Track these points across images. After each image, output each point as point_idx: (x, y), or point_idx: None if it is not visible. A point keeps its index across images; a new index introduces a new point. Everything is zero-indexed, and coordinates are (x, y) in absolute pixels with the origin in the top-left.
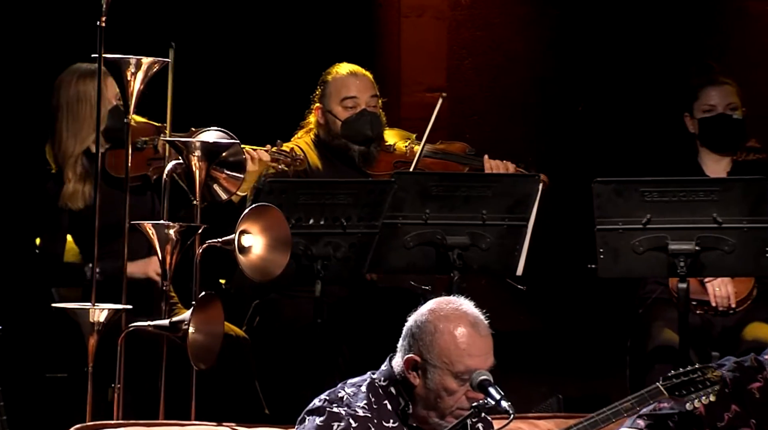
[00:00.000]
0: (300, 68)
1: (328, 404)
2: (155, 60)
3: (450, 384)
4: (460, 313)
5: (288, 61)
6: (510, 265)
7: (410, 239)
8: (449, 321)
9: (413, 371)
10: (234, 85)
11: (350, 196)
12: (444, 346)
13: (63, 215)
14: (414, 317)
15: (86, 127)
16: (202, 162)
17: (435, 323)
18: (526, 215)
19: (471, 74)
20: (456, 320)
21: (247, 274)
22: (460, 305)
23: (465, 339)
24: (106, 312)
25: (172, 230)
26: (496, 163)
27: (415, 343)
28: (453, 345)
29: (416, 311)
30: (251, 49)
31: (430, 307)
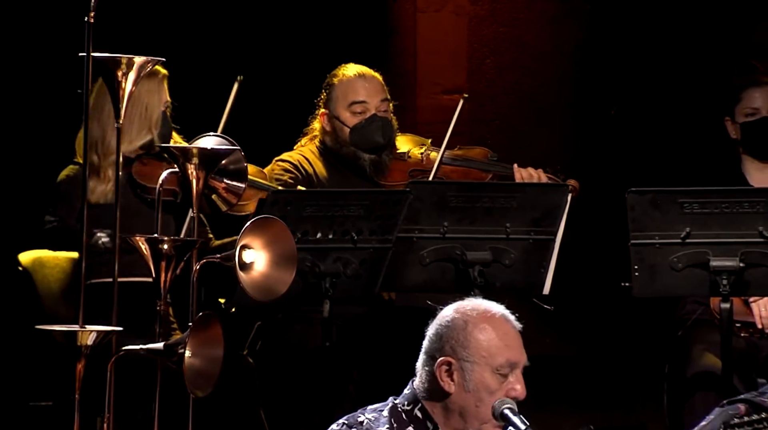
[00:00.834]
0: (307, 69)
1: (346, 428)
2: (148, 59)
3: (490, 382)
4: (486, 306)
5: (293, 61)
6: (536, 283)
7: (427, 255)
8: (479, 313)
9: (447, 376)
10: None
11: (361, 208)
12: (480, 338)
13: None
14: (436, 322)
15: (135, 128)
16: (200, 171)
17: (464, 318)
18: (554, 228)
19: (493, 74)
20: (485, 312)
21: (248, 293)
22: (483, 301)
23: (501, 329)
24: (95, 334)
25: (166, 244)
26: (528, 173)
27: (446, 343)
28: (490, 336)
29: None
30: (254, 48)
31: (453, 307)
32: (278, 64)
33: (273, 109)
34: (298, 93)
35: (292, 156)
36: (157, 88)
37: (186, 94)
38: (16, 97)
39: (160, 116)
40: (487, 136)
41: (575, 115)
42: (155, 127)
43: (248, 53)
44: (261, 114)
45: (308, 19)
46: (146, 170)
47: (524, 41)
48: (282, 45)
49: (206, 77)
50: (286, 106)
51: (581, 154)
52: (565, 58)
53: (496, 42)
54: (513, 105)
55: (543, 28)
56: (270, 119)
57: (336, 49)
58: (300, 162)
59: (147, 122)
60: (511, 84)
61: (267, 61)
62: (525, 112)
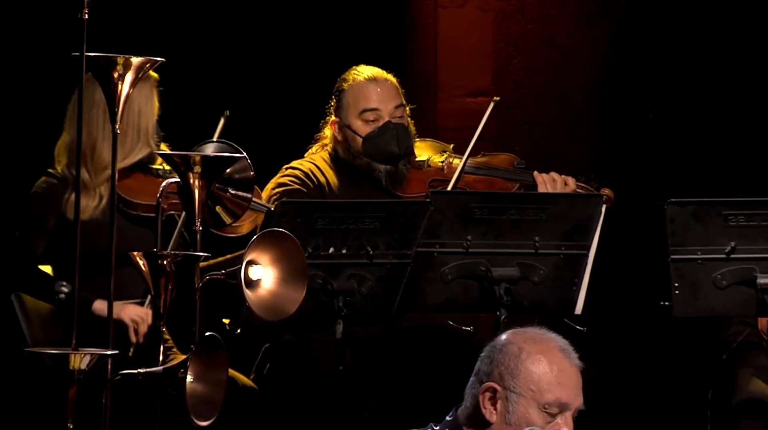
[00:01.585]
0: (317, 69)
1: None
2: (147, 59)
3: (535, 419)
4: (548, 337)
5: (303, 61)
6: (567, 302)
7: (449, 271)
8: (537, 343)
9: (491, 403)
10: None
11: (377, 221)
12: (532, 370)
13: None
14: (492, 343)
15: (129, 141)
16: (203, 180)
17: (520, 344)
18: (587, 242)
19: (521, 75)
20: (545, 343)
21: (255, 312)
22: (547, 331)
23: (557, 365)
24: (89, 358)
25: (166, 260)
26: (551, 178)
27: (495, 368)
28: (542, 370)
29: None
30: (260, 47)
31: (512, 331)
32: (287, 64)
33: (281, 113)
34: (308, 96)
35: (303, 164)
36: (149, 92)
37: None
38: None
39: (155, 126)
40: (515, 142)
41: (610, 119)
42: (152, 139)
43: (253, 53)
44: (268, 119)
45: (319, 15)
46: (131, 184)
47: (555, 39)
48: (291, 43)
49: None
50: (295, 110)
51: (617, 162)
52: (599, 57)
53: (524, 40)
54: (542, 108)
55: (575, 24)
56: (277, 125)
57: (349, 49)
58: (311, 171)
59: (143, 133)
60: (540, 86)
61: (274, 60)
62: (555, 116)
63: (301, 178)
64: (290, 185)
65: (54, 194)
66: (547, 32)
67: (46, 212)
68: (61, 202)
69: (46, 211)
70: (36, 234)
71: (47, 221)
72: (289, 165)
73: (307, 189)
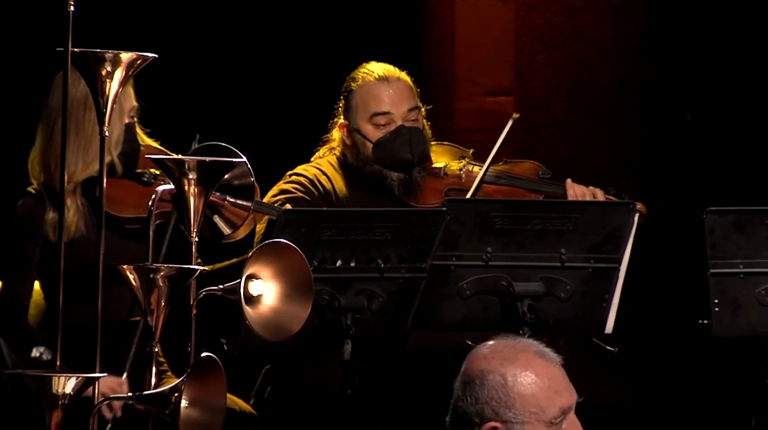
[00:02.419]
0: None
1: None
2: (137, 56)
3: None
4: (518, 348)
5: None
6: (597, 320)
7: (467, 287)
8: (514, 361)
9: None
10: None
11: (389, 231)
12: (525, 393)
13: (35, 245)
14: (464, 379)
15: (95, 147)
16: (199, 187)
17: (500, 371)
18: (618, 254)
19: (546, 73)
20: (521, 357)
21: (256, 331)
22: (510, 341)
23: (545, 375)
24: (74, 380)
25: (159, 274)
26: (581, 190)
27: (486, 405)
28: (535, 388)
29: (461, 374)
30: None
31: (477, 359)
32: (290, 60)
33: (284, 113)
34: (314, 94)
35: (308, 170)
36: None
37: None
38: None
39: (121, 133)
40: (539, 146)
41: (643, 120)
42: (115, 148)
43: (255, 47)
44: (270, 120)
45: (326, 7)
46: (114, 194)
47: (583, 33)
48: (296, 37)
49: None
50: (300, 110)
51: (651, 167)
52: (630, 52)
53: (549, 34)
54: (569, 109)
55: (604, 17)
56: (281, 126)
57: (358, 44)
58: (317, 177)
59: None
60: (566, 84)
61: (277, 56)
62: (583, 117)
63: (306, 185)
64: (294, 193)
65: (34, 218)
66: (575, 25)
67: (29, 243)
68: (42, 225)
69: (28, 242)
70: (21, 273)
71: (32, 253)
72: (293, 171)
73: (311, 197)
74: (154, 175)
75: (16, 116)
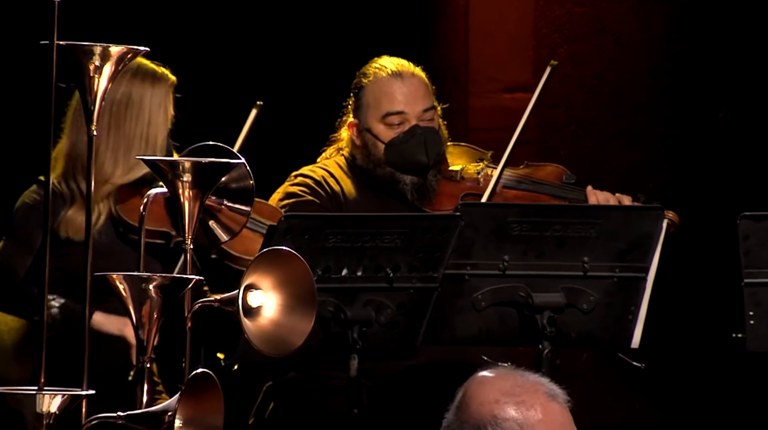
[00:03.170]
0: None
1: None
2: (128, 49)
3: None
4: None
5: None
6: (622, 334)
7: (482, 298)
8: (529, 408)
9: None
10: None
11: (399, 238)
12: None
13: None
14: (473, 424)
15: (137, 150)
16: (194, 190)
17: (515, 418)
18: (645, 263)
19: (567, 67)
20: (535, 403)
21: (255, 345)
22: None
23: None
24: (60, 399)
25: (151, 284)
26: (604, 196)
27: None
28: None
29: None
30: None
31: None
32: (295, 53)
33: (288, 111)
34: (321, 89)
35: (314, 171)
36: (163, 99)
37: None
38: None
39: (165, 138)
40: (559, 146)
41: (672, 118)
42: (160, 153)
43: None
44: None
45: None
46: (135, 205)
47: (605, 25)
48: (301, 29)
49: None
50: (305, 107)
51: (680, 169)
52: (657, 45)
53: (570, 26)
54: (592, 106)
55: (629, 7)
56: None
57: (366, 36)
58: (324, 179)
59: (152, 146)
60: (589, 79)
61: (281, 49)
62: (608, 115)
63: (313, 187)
64: (301, 196)
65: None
66: (597, 16)
67: (34, 227)
68: (54, 218)
69: (33, 227)
70: (19, 250)
71: (34, 237)
72: (299, 172)
73: (320, 200)
74: None
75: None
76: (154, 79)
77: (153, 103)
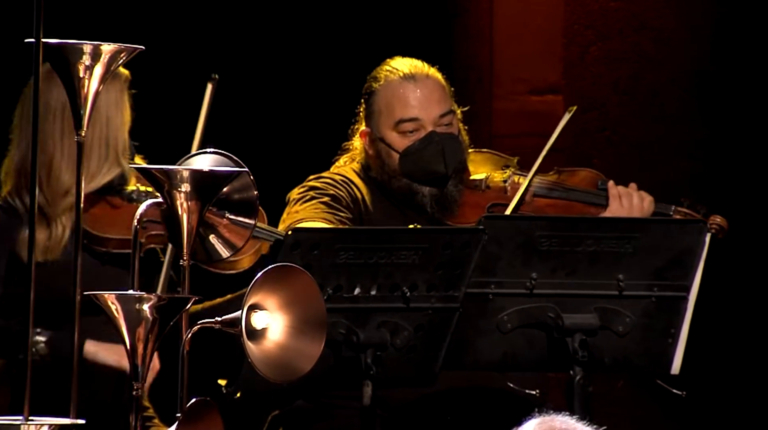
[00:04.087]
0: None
1: None
2: (121, 47)
3: None
4: None
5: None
6: (661, 358)
7: (508, 319)
8: None
9: None
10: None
11: (417, 253)
12: None
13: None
14: None
15: (97, 155)
16: (193, 201)
17: None
18: (687, 281)
19: (600, 67)
20: None
21: (260, 371)
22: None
23: None
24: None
25: (146, 304)
26: (627, 193)
27: None
28: None
29: None
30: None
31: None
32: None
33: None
34: (332, 94)
35: (333, 175)
36: (119, 96)
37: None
38: None
39: (127, 139)
40: (592, 153)
41: (715, 122)
42: (123, 155)
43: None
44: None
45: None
46: (98, 214)
47: (644, 21)
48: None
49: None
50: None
51: (724, 178)
52: (700, 43)
53: (604, 21)
54: (628, 109)
55: (670, 1)
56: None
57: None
58: (345, 182)
59: (113, 149)
60: (625, 80)
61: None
62: (645, 119)
63: (339, 185)
64: (326, 189)
65: (3, 229)
66: (634, 11)
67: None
68: (13, 239)
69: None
70: None
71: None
72: (317, 176)
73: (351, 199)
74: (145, 193)
75: None
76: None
77: (110, 102)
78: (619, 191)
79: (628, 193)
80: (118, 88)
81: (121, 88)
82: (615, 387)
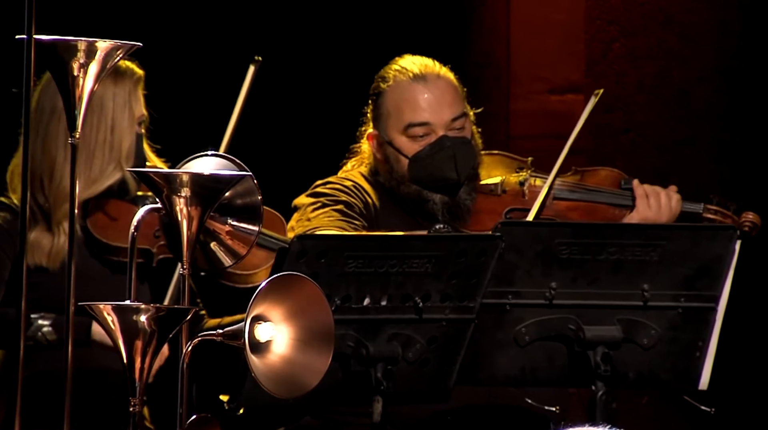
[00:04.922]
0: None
1: None
2: (117, 44)
3: None
4: None
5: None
6: (688, 373)
7: (526, 331)
8: None
9: None
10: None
11: (429, 262)
12: None
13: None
14: None
15: (100, 159)
16: (194, 206)
17: None
18: (715, 291)
19: (624, 65)
20: None
21: (264, 386)
22: None
23: None
24: None
25: (144, 315)
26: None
27: None
28: None
29: None
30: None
31: None
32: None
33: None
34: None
35: (341, 179)
36: (127, 97)
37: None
38: None
39: (133, 143)
40: (616, 155)
41: (744, 125)
42: (126, 160)
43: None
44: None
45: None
46: (106, 221)
47: (670, 16)
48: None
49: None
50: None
51: (754, 181)
52: (729, 40)
53: (628, 16)
54: (654, 109)
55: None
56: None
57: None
58: (356, 187)
59: (115, 152)
60: (651, 79)
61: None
62: (671, 119)
63: (349, 190)
64: (336, 195)
65: (11, 232)
66: (660, 6)
67: (2, 256)
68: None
69: (1, 255)
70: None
71: (3, 265)
72: (321, 181)
73: (363, 205)
74: (153, 198)
75: None
76: (117, 75)
77: (116, 103)
78: (645, 190)
79: (656, 192)
80: (127, 89)
81: (131, 89)
82: (639, 404)
